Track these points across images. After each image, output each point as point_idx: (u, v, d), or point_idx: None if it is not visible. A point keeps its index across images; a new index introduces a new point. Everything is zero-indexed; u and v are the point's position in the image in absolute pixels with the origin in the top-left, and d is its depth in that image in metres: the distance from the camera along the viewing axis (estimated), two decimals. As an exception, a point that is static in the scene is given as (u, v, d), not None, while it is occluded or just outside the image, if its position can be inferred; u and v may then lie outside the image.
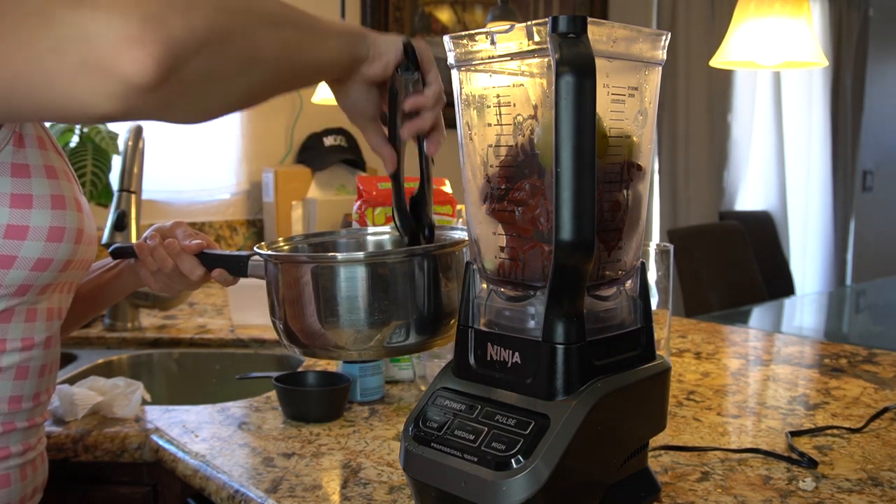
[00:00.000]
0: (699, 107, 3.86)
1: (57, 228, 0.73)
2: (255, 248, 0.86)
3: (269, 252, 0.83)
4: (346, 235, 0.97)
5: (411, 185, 1.28)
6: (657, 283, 1.08)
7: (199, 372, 1.58)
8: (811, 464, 0.88)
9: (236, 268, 0.90)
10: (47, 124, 0.83)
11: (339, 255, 0.83)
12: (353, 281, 0.77)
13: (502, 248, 0.72)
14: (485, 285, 0.75)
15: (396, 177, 0.85)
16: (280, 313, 0.81)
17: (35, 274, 0.73)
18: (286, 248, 0.91)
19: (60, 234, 0.74)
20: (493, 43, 0.70)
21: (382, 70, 0.79)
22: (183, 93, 0.61)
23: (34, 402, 0.79)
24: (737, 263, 3.42)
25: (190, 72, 0.59)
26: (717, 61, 1.44)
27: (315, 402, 1.07)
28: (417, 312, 0.77)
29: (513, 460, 0.64)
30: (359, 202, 1.27)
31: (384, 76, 0.80)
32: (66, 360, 1.50)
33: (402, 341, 0.78)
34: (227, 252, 0.92)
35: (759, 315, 2.74)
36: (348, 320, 0.77)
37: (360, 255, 0.84)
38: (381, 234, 0.96)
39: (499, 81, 0.72)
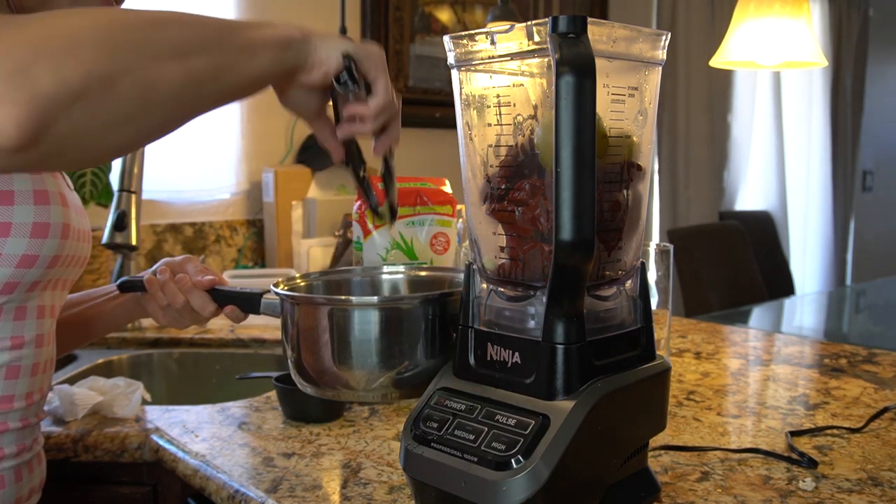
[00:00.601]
0: (699, 107, 3.86)
1: (41, 224, 0.72)
2: (271, 287, 0.86)
3: (286, 292, 0.84)
4: (360, 273, 0.99)
5: (411, 184, 1.28)
6: (657, 283, 1.08)
7: (199, 372, 1.58)
8: (811, 464, 0.88)
9: (248, 305, 0.91)
10: None
11: (354, 299, 0.84)
12: (366, 324, 0.78)
13: (502, 248, 0.72)
14: (485, 285, 0.75)
15: (347, 164, 0.86)
16: (293, 351, 0.83)
17: (21, 271, 0.72)
18: (303, 284, 0.93)
19: (45, 230, 0.73)
20: (493, 43, 0.70)
21: (321, 79, 0.74)
22: (59, 148, 0.55)
23: (27, 401, 0.78)
24: (737, 263, 3.42)
25: (65, 127, 0.53)
26: (717, 61, 1.44)
27: (315, 402, 1.06)
28: (430, 356, 0.79)
29: (513, 460, 0.64)
30: (359, 202, 1.27)
31: (323, 84, 0.75)
32: (66, 360, 1.50)
33: (412, 384, 0.79)
34: (239, 289, 0.93)
35: (759, 315, 2.74)
36: (360, 362, 0.79)
37: (375, 299, 0.86)
38: (395, 273, 0.99)
39: (499, 81, 0.72)
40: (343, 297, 0.87)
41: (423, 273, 0.98)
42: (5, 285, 0.72)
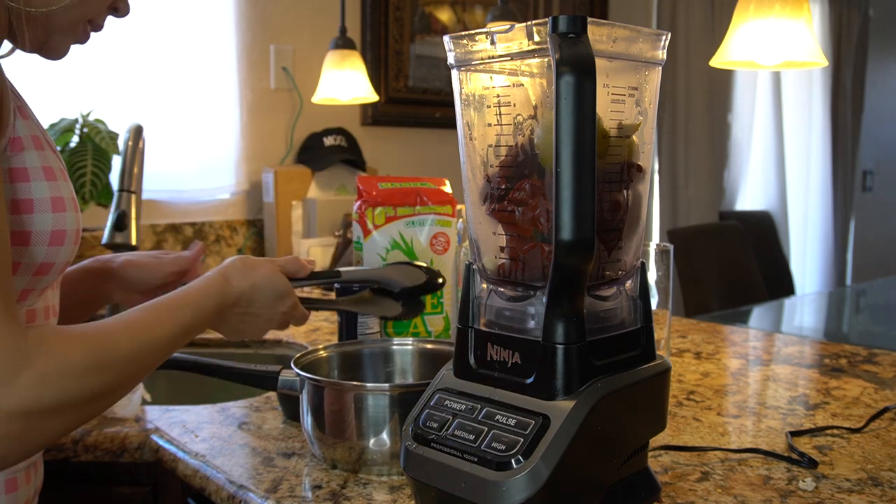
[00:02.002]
0: (699, 107, 3.86)
1: (58, 232, 0.72)
2: (291, 363, 0.93)
3: (308, 375, 0.89)
4: (370, 344, 1.06)
5: (411, 184, 1.28)
6: (657, 283, 1.08)
7: (199, 372, 1.58)
8: (811, 464, 0.88)
9: (267, 383, 0.95)
10: (45, 125, 0.83)
11: (369, 385, 0.91)
12: (379, 408, 0.85)
13: (502, 248, 0.72)
14: (485, 285, 0.75)
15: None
16: (313, 425, 0.89)
17: (37, 279, 0.72)
18: (324, 354, 1.00)
19: (62, 237, 0.73)
20: (493, 43, 0.70)
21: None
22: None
23: None
24: (737, 263, 3.42)
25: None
26: (717, 61, 1.44)
27: None
28: None
29: (513, 460, 0.64)
30: (359, 202, 1.27)
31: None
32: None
33: None
34: (255, 367, 0.97)
35: (759, 315, 2.74)
36: (375, 440, 0.85)
37: (386, 386, 0.92)
38: (405, 344, 1.05)
39: (499, 81, 0.72)
40: (356, 384, 0.93)
41: (429, 346, 1.04)
42: (21, 293, 0.72)
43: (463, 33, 0.73)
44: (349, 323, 1.17)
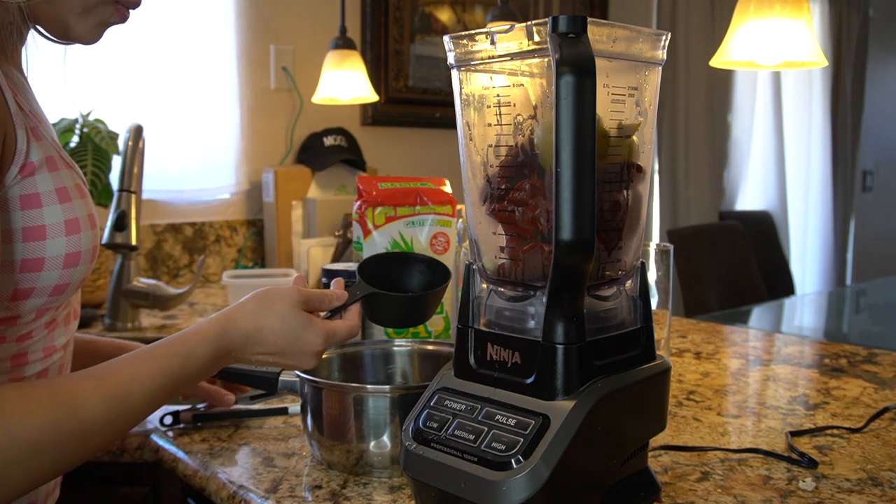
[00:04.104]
0: (699, 107, 3.86)
1: (73, 254, 0.73)
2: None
3: (308, 377, 0.89)
4: (371, 345, 1.05)
5: (411, 184, 1.28)
6: (657, 283, 1.08)
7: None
8: (811, 464, 0.88)
9: (266, 385, 0.96)
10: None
11: (369, 387, 0.90)
12: (379, 410, 0.85)
13: (502, 248, 0.72)
14: (485, 285, 0.75)
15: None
16: (313, 427, 0.89)
17: (54, 298, 0.73)
18: (324, 355, 0.97)
19: (77, 259, 0.73)
20: (493, 43, 0.70)
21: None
22: None
23: None
24: (737, 263, 3.42)
25: None
26: (717, 61, 1.44)
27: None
28: None
29: (513, 460, 0.64)
30: (359, 202, 1.27)
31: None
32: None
33: None
34: (255, 368, 0.97)
35: (759, 315, 2.74)
36: (375, 442, 0.85)
37: (387, 388, 0.90)
38: (405, 345, 1.05)
39: (499, 81, 0.72)
40: (358, 385, 0.93)
41: (429, 346, 1.04)
42: (38, 311, 0.74)
43: (463, 33, 0.73)
44: None
